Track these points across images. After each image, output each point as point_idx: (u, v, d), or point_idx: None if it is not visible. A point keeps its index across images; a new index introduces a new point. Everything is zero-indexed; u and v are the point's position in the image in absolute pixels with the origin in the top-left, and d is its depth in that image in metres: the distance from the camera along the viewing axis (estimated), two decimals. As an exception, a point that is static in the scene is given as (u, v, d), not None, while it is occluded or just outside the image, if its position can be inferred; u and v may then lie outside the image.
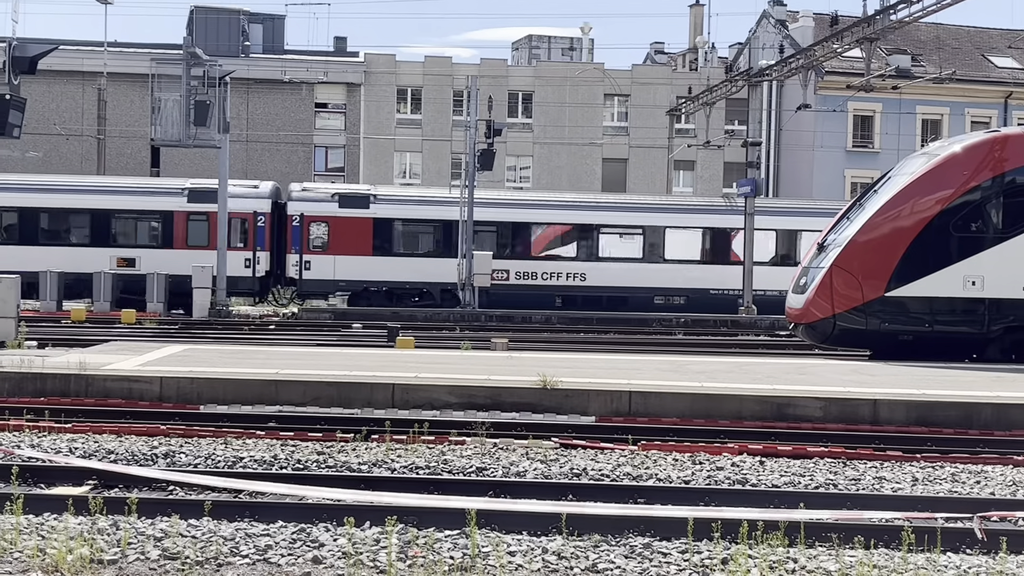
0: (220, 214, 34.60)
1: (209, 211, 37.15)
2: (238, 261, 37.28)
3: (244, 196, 38.09)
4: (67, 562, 7.64)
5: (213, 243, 36.28)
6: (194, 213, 37.56)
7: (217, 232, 35.48)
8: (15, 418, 13.76)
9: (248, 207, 37.89)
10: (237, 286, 37.79)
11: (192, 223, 37.75)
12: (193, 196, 37.86)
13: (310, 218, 38.22)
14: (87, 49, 52.49)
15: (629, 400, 15.23)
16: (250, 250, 38.00)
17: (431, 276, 38.77)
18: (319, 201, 38.36)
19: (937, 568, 8.15)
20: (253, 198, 38.32)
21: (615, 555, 8.32)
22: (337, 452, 12.34)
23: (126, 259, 37.47)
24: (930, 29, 54.48)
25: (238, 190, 38.12)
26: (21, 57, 20.72)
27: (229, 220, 36.31)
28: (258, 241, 38.11)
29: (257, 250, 38.07)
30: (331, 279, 38.30)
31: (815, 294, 20.98)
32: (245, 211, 37.77)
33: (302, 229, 38.15)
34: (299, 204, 38.42)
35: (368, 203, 38.56)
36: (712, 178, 57.37)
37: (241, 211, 37.56)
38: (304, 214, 38.19)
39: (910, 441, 13.78)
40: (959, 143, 21.60)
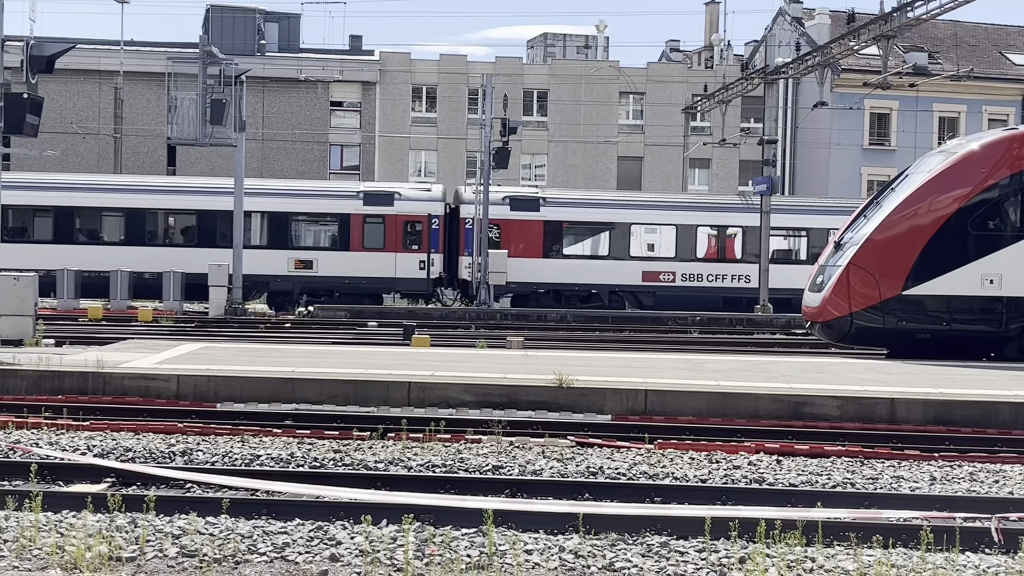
0: (236, 212, 34.66)
1: (385, 214, 37.95)
2: (412, 263, 38.00)
3: (418, 199, 38.70)
4: (86, 559, 7.67)
5: (389, 245, 37.29)
6: (370, 216, 38.01)
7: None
8: (33, 416, 13.82)
9: (422, 210, 38.34)
10: (411, 288, 38.50)
11: (368, 225, 38.19)
12: (368, 199, 38.37)
13: None
14: (104, 48, 52.68)
15: (645, 399, 15.21)
16: (424, 252, 38.41)
17: (599, 278, 39.14)
18: (492, 204, 38.86)
19: (956, 568, 8.12)
20: (426, 201, 38.77)
21: (632, 554, 8.31)
22: (354, 450, 12.35)
23: (304, 261, 38.03)
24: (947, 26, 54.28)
25: (412, 193, 38.96)
26: (38, 56, 20.78)
27: (404, 223, 37.36)
28: (432, 243, 38.49)
29: (431, 252, 38.46)
30: (503, 281, 38.75)
31: (832, 292, 20.92)
32: (419, 214, 38.23)
33: (475, 232, 38.63)
34: (472, 207, 39.01)
35: (538, 206, 38.93)
36: (728, 176, 57.28)
37: (415, 214, 38.06)
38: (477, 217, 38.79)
39: (928, 440, 13.73)
40: (977, 141, 21.50)
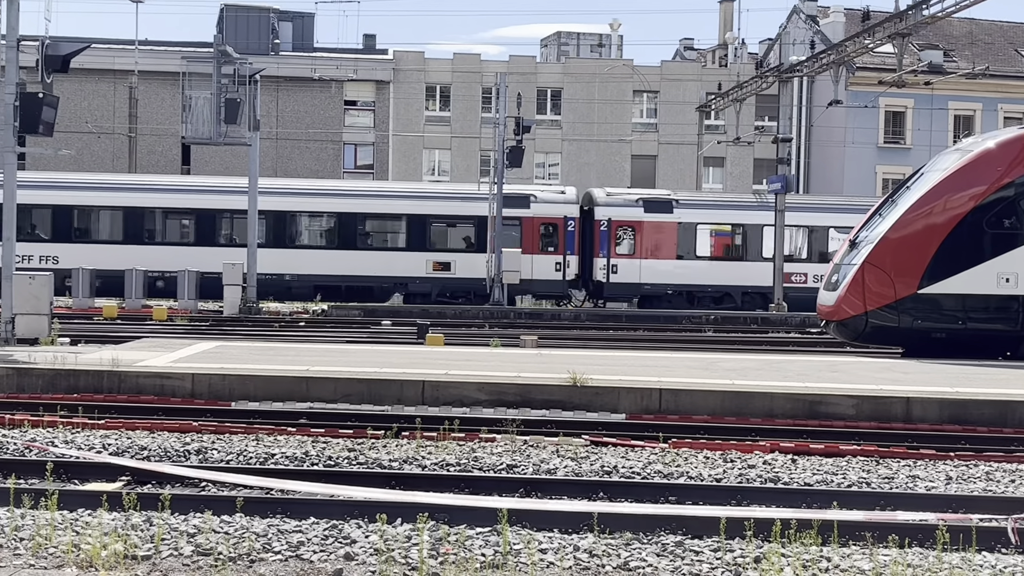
0: (251, 212, 34.71)
1: (522, 216, 38.42)
2: (548, 265, 38.50)
3: (553, 201, 39.16)
4: (101, 558, 7.68)
5: (525, 246, 37.78)
6: (506, 218, 38.25)
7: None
8: (49, 414, 13.86)
9: (558, 212, 38.76)
10: (547, 289, 38.93)
11: (505, 227, 38.48)
12: (505, 202, 38.58)
13: (617, 223, 39.18)
14: (118, 48, 52.84)
15: (659, 398, 15.19)
16: (560, 254, 38.84)
17: (732, 280, 39.51)
18: (625, 206, 39.28)
19: (972, 568, 8.08)
20: (562, 203, 39.18)
21: (647, 553, 8.30)
22: (368, 449, 12.36)
23: (441, 263, 38.50)
24: (963, 24, 54.08)
25: (547, 195, 39.48)
26: (53, 56, 20.84)
27: (540, 225, 38.02)
28: (568, 245, 38.88)
29: (567, 254, 38.83)
30: (636, 282, 39.14)
31: (847, 291, 20.85)
32: (555, 216, 38.65)
33: (609, 233, 39.02)
34: (606, 209, 39.37)
35: (671, 208, 39.25)
36: (742, 175, 57.17)
37: (551, 216, 38.48)
38: (611, 219, 39.12)
39: (944, 439, 13.67)
40: (992, 139, 21.40)
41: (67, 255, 36.78)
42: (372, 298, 37.68)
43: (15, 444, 12.03)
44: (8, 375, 15.98)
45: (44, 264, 35.99)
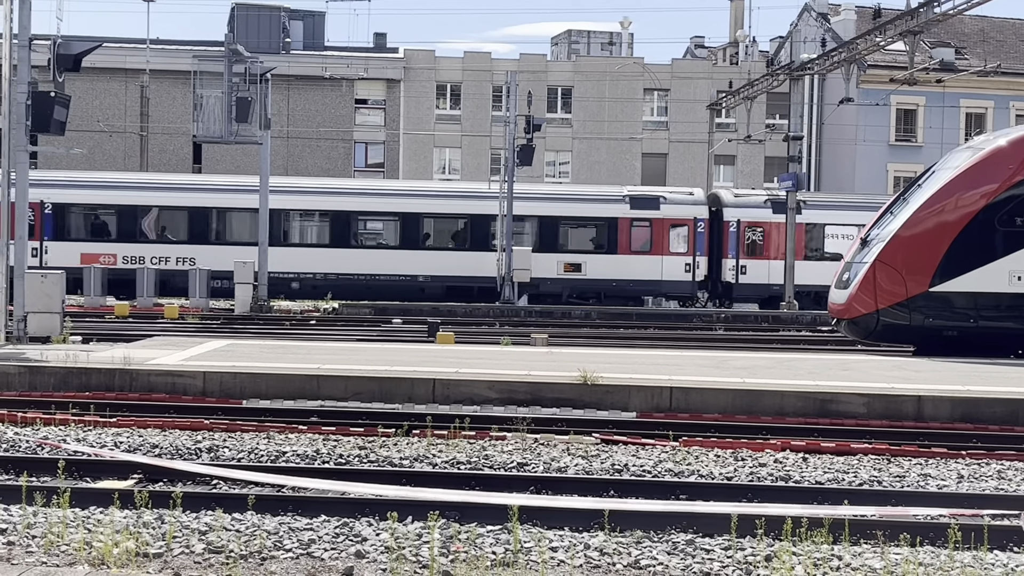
0: (262, 211, 34.76)
1: (652, 217, 38.55)
2: (678, 265, 38.74)
3: (683, 202, 39.28)
4: (113, 555, 7.70)
5: (655, 248, 38.04)
6: (636, 219, 38.47)
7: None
8: (61, 412, 13.91)
9: (688, 213, 38.93)
10: (677, 290, 39.16)
11: (635, 229, 38.68)
12: (635, 203, 38.85)
13: (746, 223, 39.40)
14: (130, 46, 52.96)
15: (670, 396, 15.18)
16: (690, 255, 39.01)
17: None
18: (754, 207, 39.43)
19: (984, 566, 8.06)
20: (691, 204, 39.34)
21: (658, 551, 8.29)
22: (379, 447, 12.37)
23: (572, 264, 38.68)
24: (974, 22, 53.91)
25: (677, 197, 39.65)
26: (65, 55, 20.90)
27: (670, 226, 38.17)
28: (697, 247, 39.06)
29: (696, 255, 39.04)
30: (765, 283, 39.29)
31: (858, 289, 20.81)
32: (685, 217, 38.82)
33: (738, 234, 39.24)
34: (735, 210, 39.62)
35: (800, 209, 39.20)
36: (753, 173, 57.07)
37: (681, 217, 38.63)
38: (740, 220, 39.34)
39: (955, 438, 13.64)
40: (1004, 136, 21.34)
41: (204, 256, 37.08)
42: (503, 299, 37.76)
43: (27, 442, 12.08)
44: (20, 373, 16.04)
45: (181, 266, 36.69)
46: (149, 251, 37.22)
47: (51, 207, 36.87)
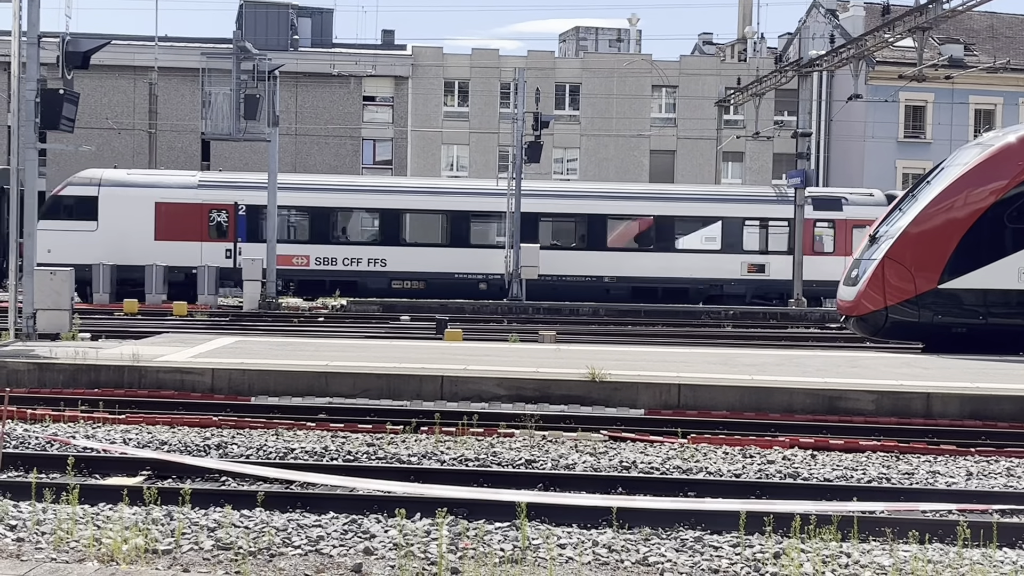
0: (270, 207, 34.82)
1: (835, 218, 38.74)
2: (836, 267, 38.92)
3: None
4: (122, 552, 7.72)
5: (838, 249, 38.07)
6: (819, 220, 38.50)
7: None
8: (70, 409, 13.95)
9: (869, 214, 38.50)
10: None
11: (818, 230, 38.71)
12: (818, 204, 38.81)
13: None
14: (138, 44, 53.04)
15: (678, 393, 15.17)
16: None
17: None
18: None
19: (993, 563, 8.05)
20: (872, 205, 39.19)
21: (666, 548, 8.29)
22: (387, 444, 12.39)
23: (756, 265, 38.87)
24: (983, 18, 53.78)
25: (858, 198, 39.85)
26: (74, 52, 20.94)
27: (853, 227, 38.01)
28: None
29: None
30: None
31: (867, 286, 20.77)
32: (867, 219, 38.35)
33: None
34: None
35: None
36: (761, 170, 57.00)
37: (863, 219, 38.25)
38: None
39: (964, 435, 13.61)
40: (1013, 133, 21.28)
41: (393, 258, 37.79)
42: (687, 300, 37.83)
43: (37, 439, 12.11)
44: (30, 370, 16.08)
45: (372, 267, 37.49)
46: (341, 252, 37.78)
47: (245, 209, 37.60)
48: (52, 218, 36.05)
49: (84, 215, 36.72)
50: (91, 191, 36.99)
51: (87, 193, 36.98)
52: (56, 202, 37.08)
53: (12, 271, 20.70)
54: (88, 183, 37.18)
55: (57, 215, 36.54)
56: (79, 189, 37.13)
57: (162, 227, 36.85)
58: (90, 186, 37.05)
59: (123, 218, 36.53)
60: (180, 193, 37.24)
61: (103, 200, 36.74)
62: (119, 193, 36.86)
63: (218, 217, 37.36)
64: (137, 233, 36.53)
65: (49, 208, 36.51)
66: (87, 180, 37.33)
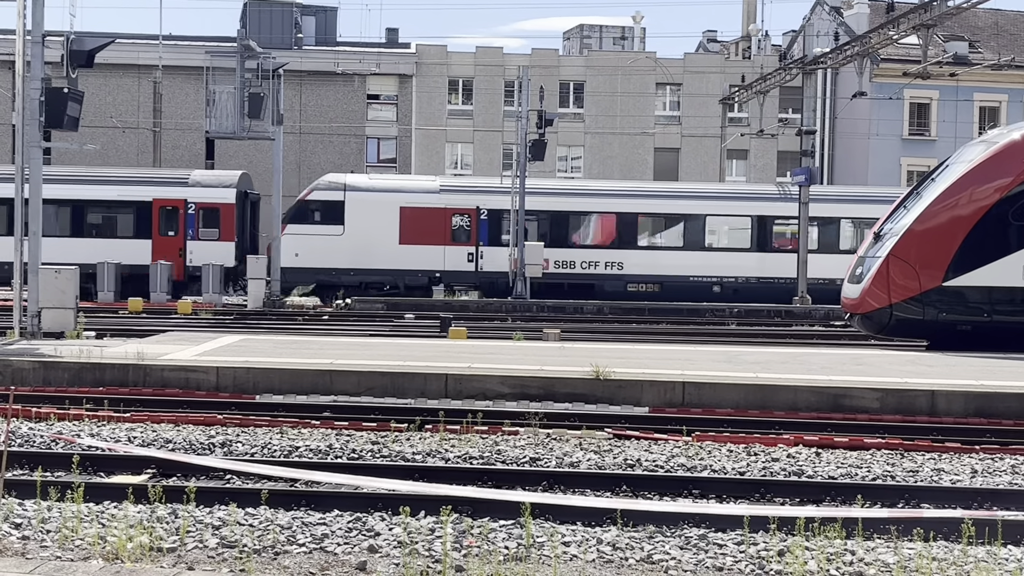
0: (275, 202, 34.85)
1: None
2: None
3: None
4: (127, 550, 7.73)
5: None
6: None
7: None
8: (75, 407, 13.96)
9: None
10: None
11: None
12: None
13: None
14: (143, 42, 53.05)
15: (683, 391, 15.16)
16: None
17: None
18: None
19: (998, 561, 8.05)
20: None
21: (670, 546, 8.29)
22: (391, 442, 12.39)
23: None
24: (988, 15, 53.68)
25: None
26: (78, 51, 20.96)
27: None
28: None
29: None
30: None
31: (871, 284, 20.76)
32: None
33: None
34: None
35: None
36: (766, 167, 56.92)
37: None
38: None
39: (969, 432, 13.60)
40: (1018, 130, 21.25)
41: (630, 261, 38.47)
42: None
43: (42, 437, 12.12)
44: (35, 368, 16.10)
45: (609, 271, 37.99)
46: (579, 256, 38.33)
47: (486, 213, 38.39)
48: (299, 222, 37.14)
49: (331, 219, 37.53)
50: (337, 196, 37.73)
51: (334, 198, 37.72)
52: (303, 207, 37.86)
53: (17, 271, 20.71)
54: (334, 188, 37.94)
55: (304, 219, 37.41)
56: (326, 194, 37.90)
57: (407, 231, 37.54)
58: (336, 191, 37.78)
59: (369, 222, 37.23)
60: (424, 198, 37.98)
61: (349, 205, 37.44)
62: (365, 198, 37.56)
63: (460, 221, 38.11)
64: (382, 237, 37.29)
65: (297, 212, 37.52)
66: (333, 185, 38.12)
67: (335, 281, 36.80)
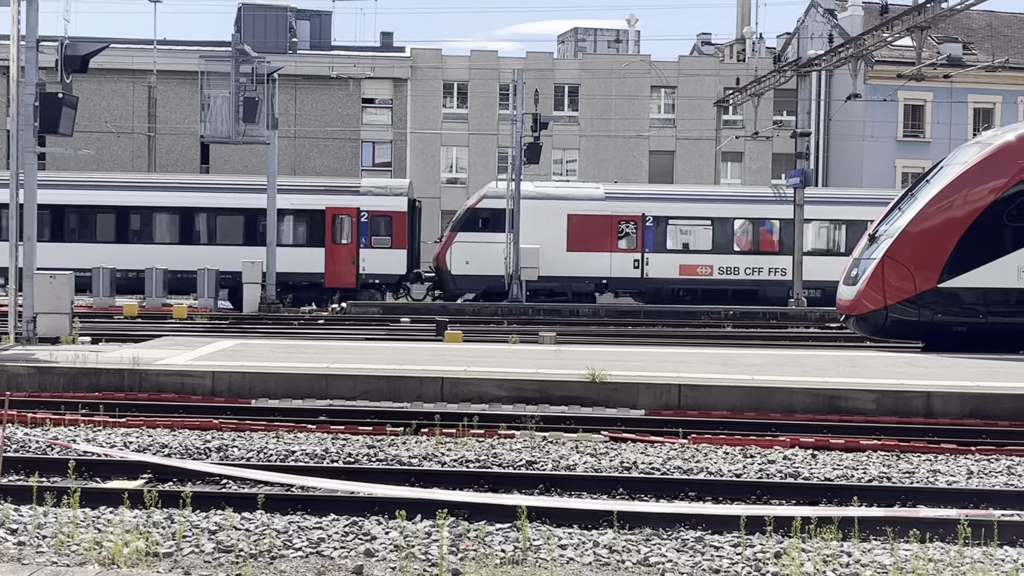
0: (270, 210, 34.82)
1: None
2: None
3: None
4: (123, 555, 7.72)
5: None
6: None
7: None
8: (71, 412, 13.94)
9: None
10: None
11: None
12: None
13: None
14: (137, 47, 53.04)
15: (679, 393, 15.17)
16: None
17: None
18: None
19: (994, 562, 8.05)
20: None
21: (667, 548, 8.29)
22: (387, 446, 12.39)
23: None
24: (982, 17, 53.79)
25: None
26: (73, 56, 20.95)
27: None
28: None
29: None
30: None
31: (867, 285, 20.77)
32: None
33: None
34: None
35: None
36: (760, 170, 56.99)
37: None
38: None
39: (965, 434, 13.61)
40: (1012, 131, 21.29)
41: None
42: None
43: (37, 442, 12.11)
44: (30, 374, 16.08)
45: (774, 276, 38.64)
46: (744, 262, 38.88)
47: (652, 220, 38.74)
48: (469, 230, 37.62)
49: (500, 227, 37.95)
50: (506, 203, 38.03)
51: (502, 206, 38.07)
52: (473, 214, 38.27)
53: (12, 276, 20.69)
54: (502, 196, 38.26)
55: (474, 227, 37.85)
56: (494, 202, 38.31)
57: (574, 238, 37.88)
58: (504, 199, 38.09)
59: (537, 230, 37.49)
60: (590, 205, 38.28)
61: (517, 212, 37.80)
62: (533, 206, 37.80)
63: (626, 228, 38.47)
64: (550, 244, 37.60)
65: (467, 220, 38.00)
66: (501, 193, 38.43)
67: (503, 288, 37.20)
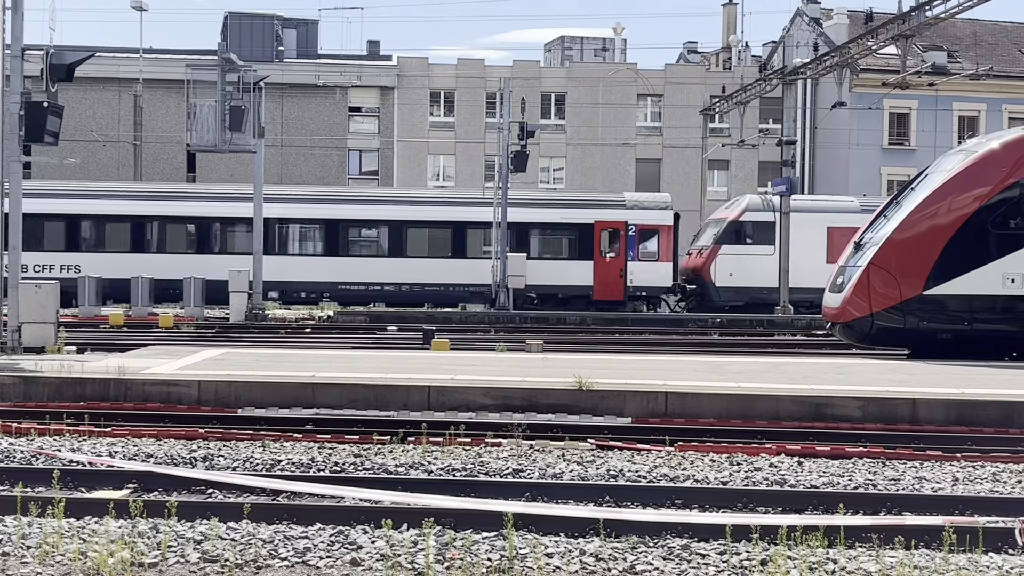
0: (256, 219, 34.77)
1: None
2: None
3: None
4: (108, 565, 7.70)
5: None
6: None
7: None
8: (55, 422, 13.88)
9: None
10: None
11: None
12: None
13: None
14: (123, 56, 53.00)
15: (665, 401, 15.18)
16: None
17: None
18: None
19: (979, 569, 8.08)
20: None
21: (653, 556, 8.30)
22: (374, 454, 12.37)
23: None
24: (966, 25, 54.06)
25: None
26: (58, 64, 20.92)
27: None
28: None
29: None
30: None
31: (852, 293, 20.85)
32: None
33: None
34: None
35: None
36: (747, 177, 57.14)
37: None
38: None
39: (950, 441, 13.65)
40: (997, 139, 21.40)
41: None
42: None
43: (22, 452, 12.06)
44: (15, 383, 16.01)
45: None
46: None
47: None
48: (731, 243, 38.03)
49: (763, 240, 38.20)
50: (769, 216, 38.36)
51: (766, 219, 38.33)
52: (737, 227, 38.63)
53: None
54: (764, 208, 38.56)
55: (737, 240, 38.29)
56: (757, 215, 38.61)
57: (833, 251, 37.57)
58: (767, 211, 38.36)
59: (798, 242, 37.56)
60: (847, 218, 38.16)
61: (780, 225, 37.95)
62: (795, 219, 37.91)
63: None
64: (810, 257, 37.71)
65: (729, 233, 38.40)
66: (763, 205, 38.72)
67: (765, 300, 37.50)
